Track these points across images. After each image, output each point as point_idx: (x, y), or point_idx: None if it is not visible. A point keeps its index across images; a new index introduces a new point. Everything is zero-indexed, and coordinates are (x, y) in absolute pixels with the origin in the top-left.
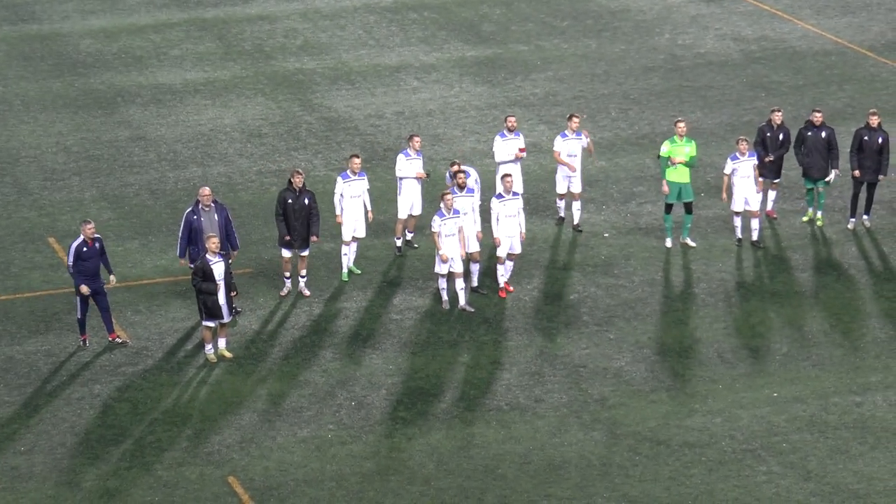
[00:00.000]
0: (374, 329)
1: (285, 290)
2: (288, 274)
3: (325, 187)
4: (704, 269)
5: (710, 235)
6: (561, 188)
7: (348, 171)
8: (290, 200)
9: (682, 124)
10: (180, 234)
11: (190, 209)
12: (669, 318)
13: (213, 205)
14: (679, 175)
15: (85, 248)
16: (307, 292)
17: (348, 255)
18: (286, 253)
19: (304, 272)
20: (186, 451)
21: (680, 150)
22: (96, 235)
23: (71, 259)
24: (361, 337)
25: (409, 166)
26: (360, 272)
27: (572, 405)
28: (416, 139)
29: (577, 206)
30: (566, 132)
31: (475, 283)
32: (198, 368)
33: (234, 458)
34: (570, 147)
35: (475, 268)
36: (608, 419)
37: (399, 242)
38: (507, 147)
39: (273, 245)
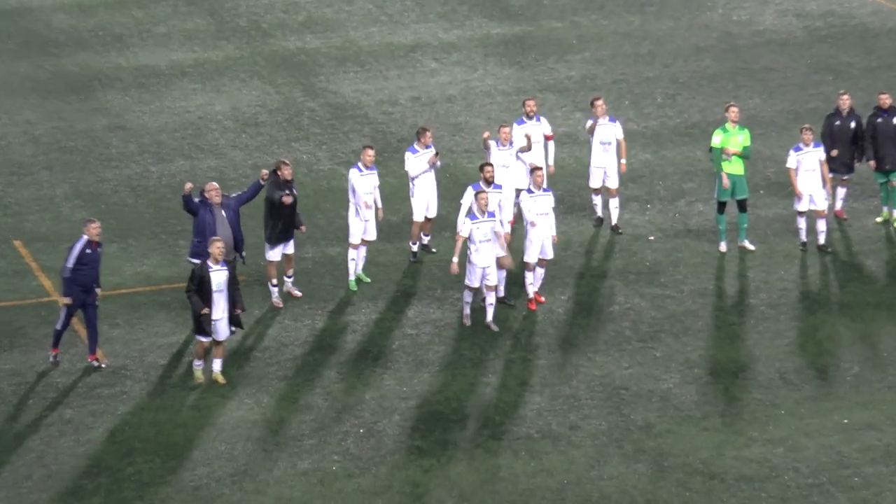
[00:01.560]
0: (385, 346)
1: (277, 299)
2: (275, 281)
3: (330, 183)
4: (764, 277)
5: (770, 238)
6: (595, 181)
7: (360, 165)
8: (282, 199)
9: (734, 109)
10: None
11: (201, 204)
12: (723, 333)
13: (221, 201)
14: (732, 168)
15: (89, 251)
16: (297, 292)
17: (356, 261)
18: (274, 255)
19: (290, 271)
20: (171, 485)
21: (733, 139)
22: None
23: (70, 262)
24: (371, 355)
25: (418, 163)
26: (369, 280)
27: (612, 433)
28: (428, 134)
29: (614, 203)
30: (594, 117)
31: (501, 293)
32: (184, 391)
33: (226, 494)
34: (602, 133)
35: (501, 275)
36: (654, 449)
37: (415, 247)
38: (524, 133)
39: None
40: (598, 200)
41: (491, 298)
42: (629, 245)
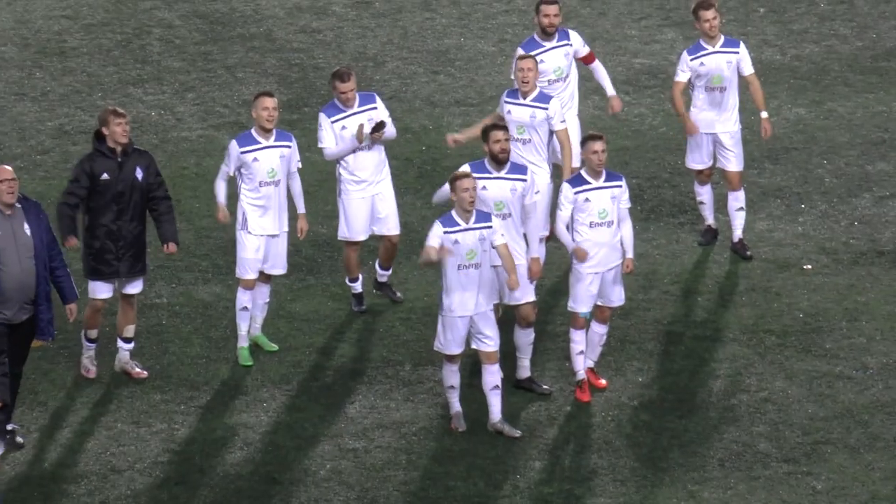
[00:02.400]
0: (314, 477)
1: (90, 368)
2: (94, 334)
3: (202, 162)
4: None
5: None
6: (698, 158)
7: (255, 129)
8: (105, 174)
9: None
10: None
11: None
12: None
13: (18, 205)
14: None
15: None
16: (139, 370)
17: (250, 311)
18: (100, 292)
19: (130, 330)
20: None
21: None
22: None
23: None
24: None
25: (341, 135)
26: (275, 348)
27: None
28: (349, 82)
29: (736, 203)
30: (702, 41)
31: (526, 373)
32: None
33: None
34: (712, 65)
35: (525, 337)
36: None
37: (355, 286)
38: (550, 63)
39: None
40: (705, 195)
41: (493, 378)
42: (766, 279)
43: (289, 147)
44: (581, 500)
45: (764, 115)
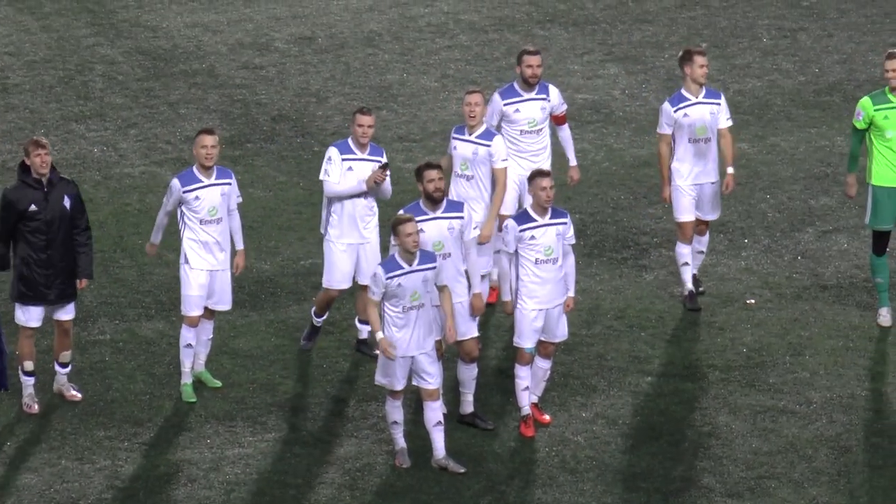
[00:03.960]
0: None
1: (31, 405)
2: (30, 366)
3: (144, 199)
4: None
5: None
6: (686, 211)
7: (196, 167)
8: (32, 205)
9: (894, 62)
10: None
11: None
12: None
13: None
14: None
15: None
16: (74, 393)
17: (194, 348)
18: (30, 320)
19: (66, 355)
20: None
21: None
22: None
23: None
24: None
25: (347, 176)
26: (219, 384)
27: None
28: (366, 118)
29: (699, 245)
30: (684, 92)
31: (469, 408)
32: None
33: None
34: (697, 116)
35: (468, 372)
36: None
37: (318, 322)
38: (524, 114)
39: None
40: (689, 257)
41: (435, 414)
42: (709, 314)
43: (229, 184)
44: None
45: (730, 170)
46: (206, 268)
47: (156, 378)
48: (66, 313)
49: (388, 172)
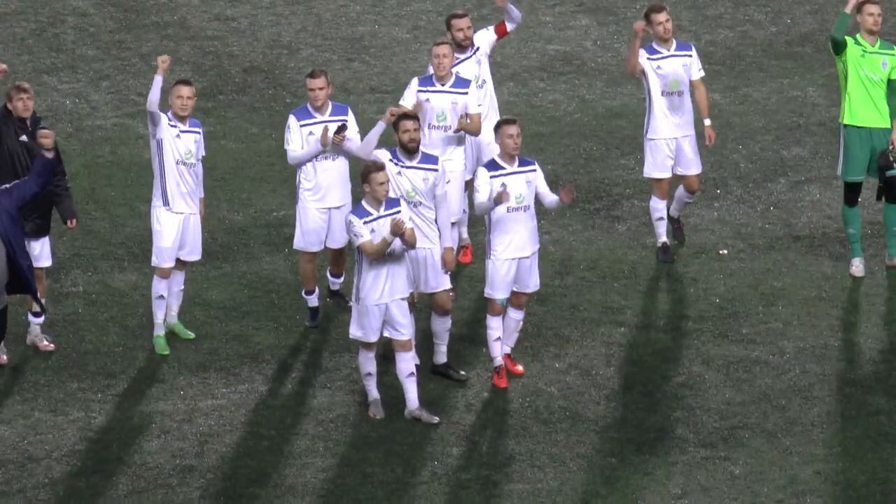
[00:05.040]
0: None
1: (0, 356)
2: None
3: (117, 151)
4: None
5: None
6: (658, 168)
7: (171, 112)
8: (39, 139)
9: (875, 7)
10: None
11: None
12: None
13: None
14: (869, 114)
15: None
16: (46, 343)
17: (166, 299)
18: None
19: (38, 305)
20: None
21: (873, 62)
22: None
23: None
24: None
25: (306, 141)
26: (192, 336)
27: None
28: (315, 82)
29: (686, 199)
30: (655, 45)
31: (442, 358)
32: None
33: None
34: (666, 75)
35: (441, 324)
36: None
37: (312, 300)
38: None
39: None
40: (664, 211)
41: (407, 364)
42: (681, 265)
43: (199, 132)
44: (499, 485)
45: (707, 122)
46: (184, 211)
47: (129, 330)
48: (43, 258)
49: (344, 134)
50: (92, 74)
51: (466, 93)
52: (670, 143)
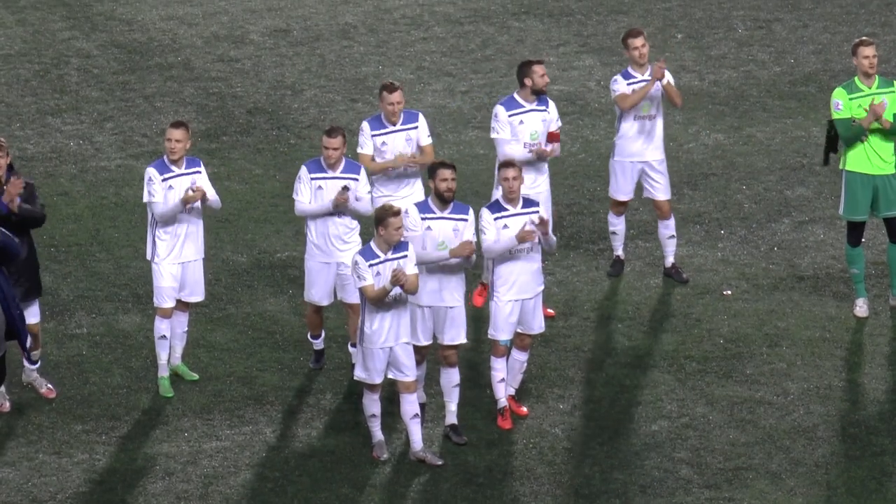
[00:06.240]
0: None
1: (3, 402)
2: None
3: (121, 192)
4: None
5: None
6: (622, 191)
7: (167, 157)
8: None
9: (869, 49)
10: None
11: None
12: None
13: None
14: (872, 160)
15: None
16: (49, 388)
17: (169, 340)
18: None
19: (37, 353)
20: None
21: (874, 104)
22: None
23: None
24: None
25: (318, 195)
26: (196, 377)
27: None
28: (332, 141)
29: (666, 231)
30: (631, 69)
31: (452, 419)
32: None
33: None
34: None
35: (448, 379)
36: None
37: (318, 344)
38: (527, 127)
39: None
40: (619, 226)
41: (412, 406)
42: (685, 305)
43: (199, 171)
44: None
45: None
46: (177, 261)
47: (133, 371)
48: (32, 316)
49: (347, 195)
50: (96, 116)
51: (416, 126)
52: (636, 166)
